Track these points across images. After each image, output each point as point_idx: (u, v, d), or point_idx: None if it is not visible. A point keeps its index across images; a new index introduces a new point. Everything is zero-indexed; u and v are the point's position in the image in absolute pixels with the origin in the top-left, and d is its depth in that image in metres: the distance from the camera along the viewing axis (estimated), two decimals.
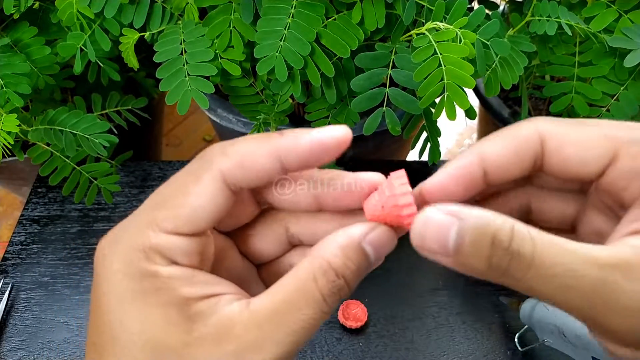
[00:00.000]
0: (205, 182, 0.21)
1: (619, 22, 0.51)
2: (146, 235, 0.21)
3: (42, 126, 0.55)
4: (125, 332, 0.20)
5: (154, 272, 0.21)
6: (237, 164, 0.21)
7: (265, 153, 0.21)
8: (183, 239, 0.21)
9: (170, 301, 0.20)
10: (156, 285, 0.20)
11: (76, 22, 0.53)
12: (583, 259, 0.19)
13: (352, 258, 0.21)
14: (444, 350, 0.55)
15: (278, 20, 0.46)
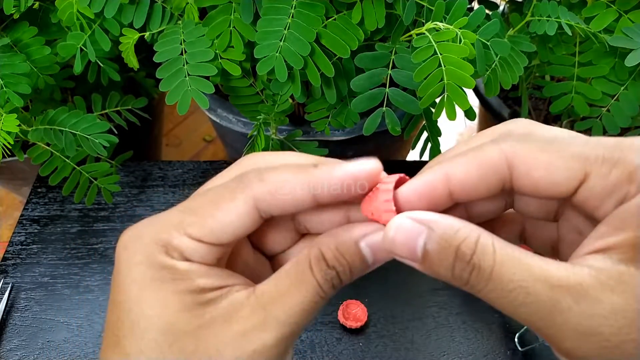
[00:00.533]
0: (237, 202, 0.23)
1: (619, 22, 0.51)
2: (171, 234, 0.23)
3: (42, 126, 0.55)
4: (144, 317, 0.22)
5: (172, 265, 0.22)
6: (270, 192, 0.23)
7: (299, 184, 0.23)
8: (203, 246, 0.23)
9: (186, 289, 0.22)
10: (174, 276, 0.22)
11: (76, 22, 0.53)
12: (536, 277, 0.20)
13: (345, 255, 0.22)
14: (444, 351, 0.55)
15: (278, 21, 0.46)
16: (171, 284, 0.22)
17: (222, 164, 0.71)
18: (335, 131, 0.64)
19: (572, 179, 0.22)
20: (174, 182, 0.69)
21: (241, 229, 0.23)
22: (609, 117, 0.56)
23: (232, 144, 0.75)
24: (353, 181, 0.23)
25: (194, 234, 0.22)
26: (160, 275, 0.22)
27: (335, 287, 0.22)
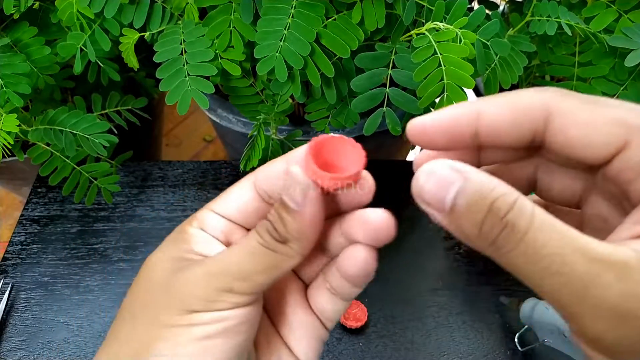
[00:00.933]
0: (241, 184, 0.27)
1: (619, 22, 0.51)
2: (198, 212, 0.27)
3: (42, 126, 0.55)
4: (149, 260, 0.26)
5: (186, 229, 0.26)
6: (263, 172, 0.26)
7: (281, 164, 0.26)
8: (215, 216, 0.27)
9: (182, 245, 0.26)
10: (181, 236, 0.26)
11: (76, 22, 0.53)
12: (576, 247, 0.18)
13: (275, 205, 0.24)
14: (444, 351, 0.55)
15: (278, 21, 0.46)
16: (176, 241, 0.26)
17: (222, 164, 0.71)
18: (335, 131, 0.64)
19: (610, 144, 0.20)
20: (174, 182, 0.69)
21: (244, 204, 0.26)
22: None
23: (232, 144, 0.75)
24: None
25: (211, 206, 0.27)
26: (175, 237, 0.26)
27: (274, 237, 0.23)
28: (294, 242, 0.23)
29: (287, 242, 0.23)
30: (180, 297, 0.23)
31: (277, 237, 0.23)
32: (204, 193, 0.68)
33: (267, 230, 0.24)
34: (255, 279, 0.23)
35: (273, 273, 0.24)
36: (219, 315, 0.23)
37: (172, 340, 0.23)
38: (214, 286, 0.23)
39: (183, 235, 0.26)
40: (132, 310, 0.25)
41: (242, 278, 0.23)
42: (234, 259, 0.24)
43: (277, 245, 0.23)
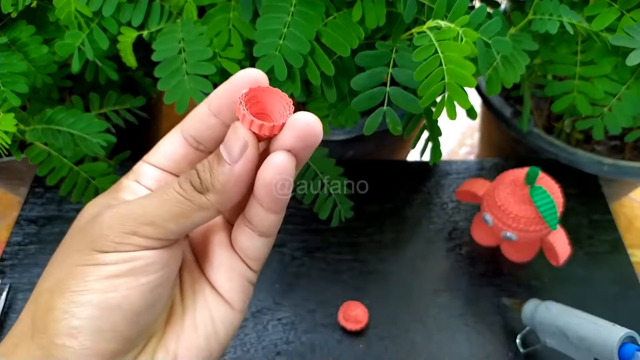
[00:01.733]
0: (168, 135, 0.29)
1: (621, 20, 0.51)
2: (133, 166, 0.29)
3: (40, 126, 0.54)
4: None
5: (119, 181, 0.28)
6: (188, 118, 0.28)
7: (203, 107, 0.27)
8: (148, 166, 0.28)
9: (109, 196, 0.27)
10: (113, 189, 0.28)
11: (74, 20, 0.53)
12: None
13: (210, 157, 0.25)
14: (446, 352, 0.54)
15: (278, 19, 0.46)
16: (111, 191, 0.28)
17: None
18: (335, 130, 0.64)
19: None
20: None
21: (172, 152, 0.28)
22: (611, 117, 0.56)
23: None
24: (233, 88, 0.25)
25: (145, 158, 0.29)
26: (111, 188, 0.28)
27: (194, 186, 0.24)
28: (212, 194, 0.24)
29: (206, 192, 0.24)
30: (91, 239, 0.24)
31: (198, 186, 0.24)
32: None
33: (189, 179, 0.24)
34: (164, 225, 0.24)
35: (183, 222, 0.24)
36: (125, 256, 0.24)
37: (81, 278, 0.24)
38: (119, 229, 0.24)
39: (117, 186, 0.28)
40: (58, 253, 0.26)
41: (149, 223, 0.24)
42: (144, 204, 0.24)
43: (194, 194, 0.24)
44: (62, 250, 0.26)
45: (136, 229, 0.24)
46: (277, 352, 0.54)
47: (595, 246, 0.63)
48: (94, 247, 0.24)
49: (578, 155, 0.66)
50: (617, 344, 0.42)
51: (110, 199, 0.27)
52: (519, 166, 0.56)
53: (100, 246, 0.24)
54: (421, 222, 0.65)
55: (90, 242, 0.24)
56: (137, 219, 0.24)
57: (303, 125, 0.24)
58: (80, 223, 0.26)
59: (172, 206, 0.24)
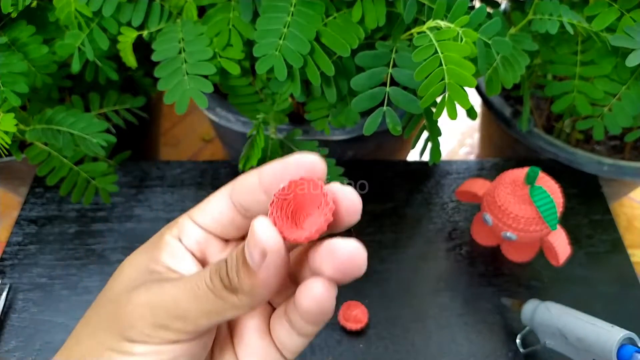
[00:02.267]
0: (217, 195, 0.27)
1: (621, 21, 0.51)
2: (181, 216, 0.28)
3: (40, 126, 0.54)
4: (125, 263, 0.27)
5: (163, 234, 0.27)
6: (237, 184, 0.26)
7: (253, 177, 0.25)
8: (193, 225, 0.27)
9: (150, 252, 0.26)
10: (154, 243, 0.27)
11: (74, 20, 0.53)
12: None
13: (237, 251, 0.23)
14: (445, 352, 0.54)
15: (277, 19, 0.46)
16: (152, 246, 0.27)
17: (221, 163, 0.70)
18: (335, 130, 0.64)
19: None
20: (173, 182, 0.69)
21: (217, 213, 0.26)
22: (611, 117, 0.56)
23: (231, 143, 0.74)
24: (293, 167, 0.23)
25: (191, 214, 0.27)
26: (153, 241, 0.27)
27: (224, 284, 0.22)
28: (244, 295, 0.22)
29: (237, 293, 0.22)
30: (123, 324, 0.23)
31: (228, 285, 0.22)
32: (202, 193, 0.67)
33: (218, 274, 0.23)
34: (195, 321, 0.23)
35: (215, 319, 0.23)
36: (154, 348, 0.23)
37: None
38: (150, 321, 0.23)
39: (159, 242, 0.27)
40: (93, 315, 0.25)
41: (181, 317, 0.23)
42: (176, 296, 0.23)
43: (224, 293, 0.22)
44: (94, 316, 0.25)
45: (167, 323, 0.23)
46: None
47: (595, 246, 0.63)
48: (123, 334, 0.23)
49: (578, 155, 0.66)
50: (615, 346, 0.43)
51: (150, 259, 0.26)
52: (519, 166, 0.56)
53: (130, 335, 0.23)
54: (421, 222, 0.65)
55: (120, 328, 0.23)
56: (169, 312, 0.23)
57: (344, 259, 0.22)
58: (119, 289, 0.25)
59: (204, 303, 0.23)
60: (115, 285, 0.26)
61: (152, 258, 0.26)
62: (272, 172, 0.24)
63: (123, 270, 0.26)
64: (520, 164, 0.58)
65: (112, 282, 0.26)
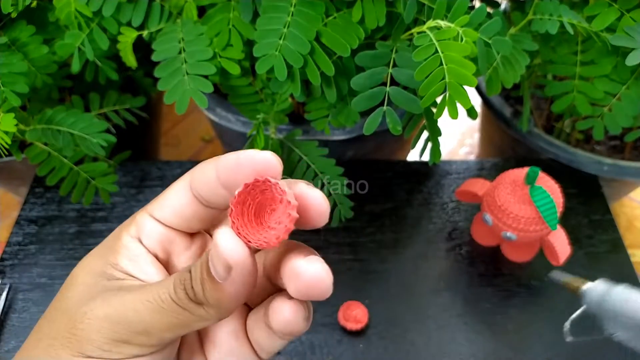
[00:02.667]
0: (175, 187, 0.25)
1: (621, 20, 0.51)
2: (138, 213, 0.26)
3: (40, 126, 0.54)
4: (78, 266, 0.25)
5: (119, 235, 0.25)
6: (196, 175, 0.24)
7: (211, 169, 0.24)
8: (152, 221, 0.25)
9: (105, 256, 0.25)
10: (110, 245, 0.25)
11: (74, 20, 0.53)
12: None
13: (201, 260, 0.22)
14: (446, 352, 0.54)
15: (278, 19, 0.46)
16: (108, 249, 0.25)
17: None
18: (335, 130, 0.64)
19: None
20: (173, 182, 0.68)
21: (181, 208, 0.25)
22: (611, 117, 0.56)
23: (231, 143, 0.74)
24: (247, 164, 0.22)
25: (149, 210, 0.25)
26: (109, 244, 0.25)
27: (189, 296, 0.21)
28: (210, 308, 0.21)
29: (203, 305, 0.21)
30: (79, 339, 0.22)
31: (193, 298, 0.21)
32: None
33: (183, 286, 0.21)
34: (159, 334, 0.22)
35: (181, 331, 0.22)
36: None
37: None
38: (109, 336, 0.22)
39: (116, 243, 0.25)
40: (44, 322, 0.24)
41: (143, 332, 0.21)
42: (138, 309, 0.21)
43: (190, 305, 0.21)
44: (46, 327, 0.23)
45: (128, 338, 0.22)
46: (277, 352, 0.54)
47: (595, 246, 0.63)
48: (80, 349, 0.22)
49: (578, 155, 0.66)
50: None
51: (106, 264, 0.24)
52: (519, 166, 0.56)
53: (85, 350, 0.22)
54: (421, 222, 0.65)
55: (76, 344, 0.22)
56: (130, 327, 0.21)
57: (307, 282, 0.21)
58: (73, 298, 0.23)
59: (169, 316, 0.21)
60: (68, 294, 0.24)
61: (108, 262, 0.24)
62: (228, 168, 0.23)
63: (76, 278, 0.24)
64: (520, 164, 0.58)
65: (65, 291, 0.24)
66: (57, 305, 0.24)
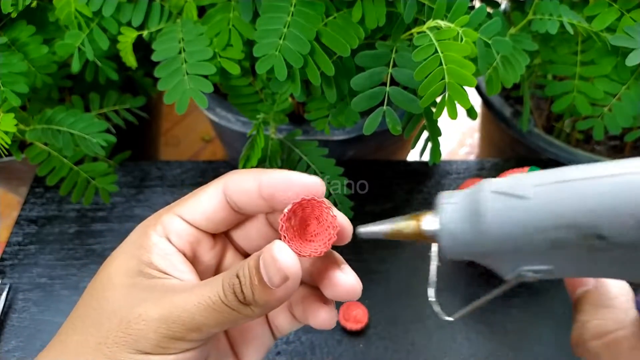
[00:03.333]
0: (208, 192, 0.27)
1: (621, 20, 0.51)
2: (162, 213, 0.28)
3: (40, 125, 0.54)
4: (108, 264, 0.27)
5: (147, 233, 0.27)
6: (234, 183, 0.27)
7: (253, 181, 0.26)
8: (181, 222, 0.27)
9: (138, 255, 0.26)
10: (139, 244, 0.27)
11: (74, 20, 0.53)
12: None
13: (250, 266, 0.24)
14: (446, 352, 0.54)
15: (278, 19, 0.46)
16: (138, 248, 0.27)
17: (221, 163, 0.70)
18: (335, 130, 0.64)
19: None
20: (173, 182, 0.69)
21: (213, 212, 0.27)
22: (611, 117, 0.56)
23: (231, 143, 0.74)
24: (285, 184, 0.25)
25: (177, 211, 0.27)
26: (136, 241, 0.27)
27: (238, 298, 0.24)
28: (257, 307, 0.24)
29: (251, 305, 0.24)
30: (134, 337, 0.24)
31: (242, 299, 0.24)
32: None
33: (233, 290, 0.24)
34: (209, 331, 0.24)
35: (227, 326, 0.25)
36: (171, 357, 0.24)
37: None
38: (166, 334, 0.24)
39: (145, 242, 0.27)
40: (85, 321, 0.26)
41: (196, 329, 0.24)
42: (190, 310, 0.24)
43: (239, 306, 0.24)
44: (92, 327, 0.25)
45: (183, 335, 0.24)
46: (277, 352, 0.54)
47: None
48: (136, 346, 0.24)
49: (578, 155, 0.66)
50: None
51: (140, 263, 0.26)
52: (519, 166, 0.56)
53: (143, 347, 0.24)
54: None
55: (132, 340, 0.24)
56: (184, 326, 0.24)
57: (344, 292, 0.26)
58: (113, 298, 0.25)
59: (219, 315, 0.24)
60: (108, 295, 0.26)
61: (143, 261, 0.26)
62: (276, 185, 0.26)
63: (112, 278, 0.26)
64: (520, 164, 0.58)
65: (102, 291, 0.26)
66: (96, 306, 0.26)
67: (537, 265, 0.22)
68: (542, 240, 0.20)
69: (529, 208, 0.21)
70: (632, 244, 0.19)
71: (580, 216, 0.20)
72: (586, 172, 0.21)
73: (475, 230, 0.22)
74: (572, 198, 0.20)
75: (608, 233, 0.19)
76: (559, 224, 0.20)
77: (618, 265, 0.21)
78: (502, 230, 0.21)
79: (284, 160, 0.56)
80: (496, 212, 0.21)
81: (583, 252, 0.20)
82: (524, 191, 0.21)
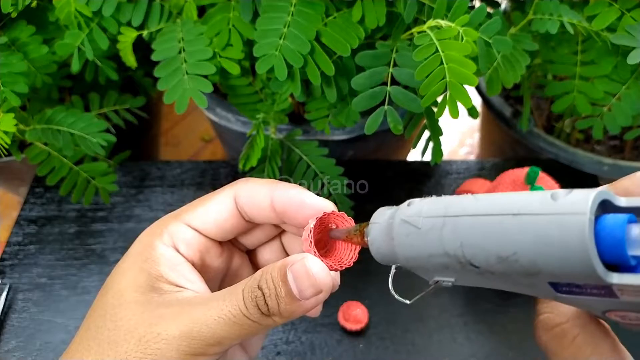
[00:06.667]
0: (218, 200, 0.27)
1: (622, 20, 0.51)
2: (168, 221, 0.27)
3: (40, 125, 0.54)
4: (114, 280, 0.26)
5: (152, 243, 0.26)
6: (245, 192, 0.27)
7: (265, 193, 0.26)
8: (190, 231, 0.27)
9: (146, 269, 0.26)
10: (146, 256, 0.26)
11: (74, 20, 0.53)
12: None
13: (273, 278, 0.24)
14: (446, 352, 0.54)
15: (278, 19, 0.46)
16: (145, 260, 0.26)
17: (221, 163, 0.70)
18: (335, 130, 0.64)
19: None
20: (173, 182, 0.69)
21: (223, 220, 0.27)
22: (611, 116, 0.55)
23: (231, 143, 0.74)
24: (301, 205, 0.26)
25: (185, 219, 0.27)
26: (143, 253, 0.26)
27: (261, 311, 0.24)
28: (280, 318, 0.24)
29: (273, 316, 0.24)
30: (153, 357, 0.24)
31: (265, 311, 0.24)
32: (202, 193, 0.67)
33: (255, 303, 0.24)
34: (230, 343, 0.24)
35: (249, 337, 0.25)
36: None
37: None
38: (187, 351, 0.24)
39: (152, 254, 0.26)
40: (100, 343, 0.25)
41: (216, 344, 0.24)
42: (210, 325, 0.24)
43: (262, 318, 0.24)
44: (108, 347, 0.25)
45: (204, 351, 0.24)
46: (277, 352, 0.54)
47: None
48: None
49: (578, 155, 0.66)
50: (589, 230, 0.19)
51: (150, 277, 0.26)
52: (519, 166, 0.56)
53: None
54: None
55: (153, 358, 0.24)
56: (205, 341, 0.24)
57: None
58: (126, 317, 0.25)
59: (240, 329, 0.24)
60: (121, 314, 0.25)
61: (152, 275, 0.26)
62: (287, 204, 0.26)
63: (123, 296, 0.25)
64: (520, 164, 0.58)
65: (114, 310, 0.25)
66: (110, 326, 0.25)
67: (443, 277, 0.26)
68: (435, 263, 0.24)
69: (420, 237, 0.24)
70: (502, 273, 0.22)
71: (456, 248, 0.23)
72: (468, 208, 0.23)
73: (390, 250, 0.26)
74: (450, 232, 0.23)
75: (479, 264, 0.22)
76: (441, 252, 0.23)
77: (503, 283, 0.24)
78: (406, 253, 0.25)
79: (283, 160, 0.56)
80: (401, 237, 0.25)
81: (471, 273, 0.23)
82: (416, 222, 0.25)
